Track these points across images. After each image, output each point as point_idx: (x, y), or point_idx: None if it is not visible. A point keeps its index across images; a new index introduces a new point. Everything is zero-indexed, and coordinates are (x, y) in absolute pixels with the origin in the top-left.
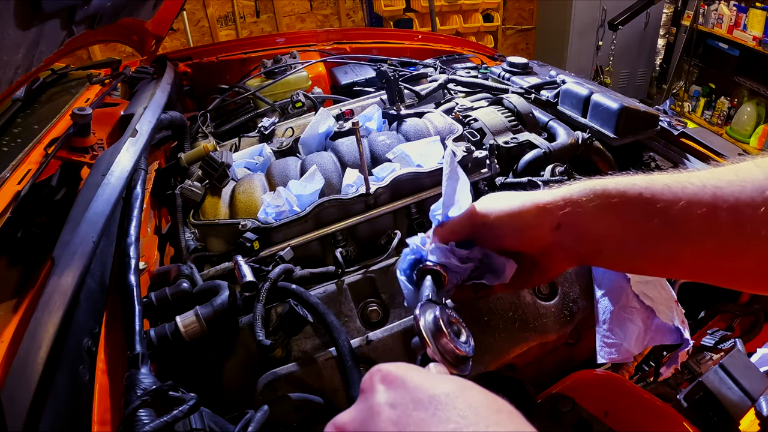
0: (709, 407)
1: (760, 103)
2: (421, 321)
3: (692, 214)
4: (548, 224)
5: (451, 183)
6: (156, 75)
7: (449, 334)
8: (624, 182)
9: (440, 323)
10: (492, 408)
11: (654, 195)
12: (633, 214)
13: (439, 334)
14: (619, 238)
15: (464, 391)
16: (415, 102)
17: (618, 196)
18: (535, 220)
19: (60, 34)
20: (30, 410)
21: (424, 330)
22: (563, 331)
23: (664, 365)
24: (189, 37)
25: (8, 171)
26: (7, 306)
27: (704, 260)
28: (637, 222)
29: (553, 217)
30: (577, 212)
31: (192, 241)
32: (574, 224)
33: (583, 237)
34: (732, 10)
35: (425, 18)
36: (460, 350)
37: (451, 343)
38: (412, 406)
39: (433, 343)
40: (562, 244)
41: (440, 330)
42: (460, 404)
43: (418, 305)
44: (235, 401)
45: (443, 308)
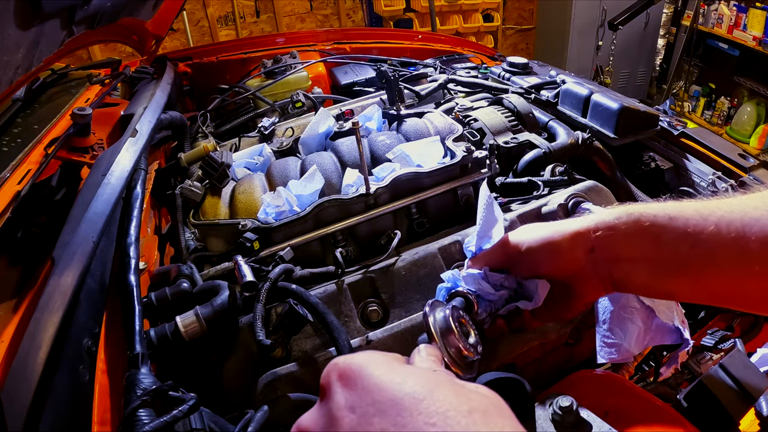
0: (709, 407)
1: (760, 103)
2: (430, 318)
3: (722, 239)
4: (582, 247)
5: (487, 217)
6: (156, 75)
7: (458, 333)
8: (655, 207)
9: (450, 321)
10: (462, 410)
11: (685, 220)
12: (664, 238)
13: (448, 332)
14: (651, 261)
15: (432, 391)
16: (415, 102)
17: (649, 221)
18: (568, 244)
19: (60, 34)
20: (30, 410)
21: (432, 327)
22: (563, 331)
23: (664, 365)
24: (189, 37)
25: (8, 171)
26: (7, 306)
27: (732, 285)
28: (669, 245)
29: (586, 240)
30: (609, 235)
31: (192, 241)
32: (607, 247)
33: (616, 260)
34: (732, 10)
35: (425, 18)
36: (467, 351)
37: (459, 342)
38: (372, 410)
39: (441, 341)
40: (596, 268)
41: (449, 328)
42: (426, 408)
43: (428, 303)
44: (235, 401)
45: (455, 308)
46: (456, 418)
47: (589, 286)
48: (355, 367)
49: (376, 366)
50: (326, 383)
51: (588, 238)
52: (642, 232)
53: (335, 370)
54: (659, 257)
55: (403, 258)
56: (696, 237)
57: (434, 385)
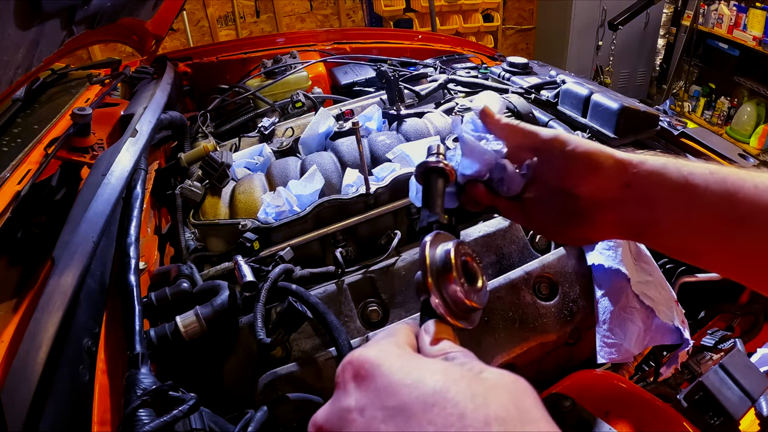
0: (709, 407)
1: (760, 103)
2: (427, 253)
3: (761, 201)
4: (620, 178)
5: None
6: (156, 75)
7: (459, 277)
8: (695, 164)
9: (451, 260)
10: (478, 418)
11: (724, 176)
12: (701, 194)
13: (447, 275)
14: (683, 215)
15: (446, 392)
16: (415, 102)
17: (688, 174)
18: (609, 168)
19: (60, 34)
20: (30, 410)
21: (429, 267)
22: (563, 331)
23: (664, 365)
24: (189, 37)
25: (8, 171)
26: (7, 306)
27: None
28: (705, 203)
29: (626, 172)
30: (649, 177)
31: (192, 241)
32: (643, 188)
33: (647, 204)
34: (732, 10)
35: (425, 18)
36: (469, 299)
37: (459, 289)
38: (380, 416)
39: (437, 285)
40: (624, 206)
41: (449, 270)
42: (437, 416)
43: (431, 234)
44: (235, 401)
45: (460, 243)
46: (469, 430)
47: (609, 222)
48: (368, 366)
49: (390, 365)
50: (341, 380)
51: (628, 172)
52: (679, 182)
53: (350, 367)
54: (692, 213)
55: (403, 258)
56: (734, 196)
57: (450, 385)
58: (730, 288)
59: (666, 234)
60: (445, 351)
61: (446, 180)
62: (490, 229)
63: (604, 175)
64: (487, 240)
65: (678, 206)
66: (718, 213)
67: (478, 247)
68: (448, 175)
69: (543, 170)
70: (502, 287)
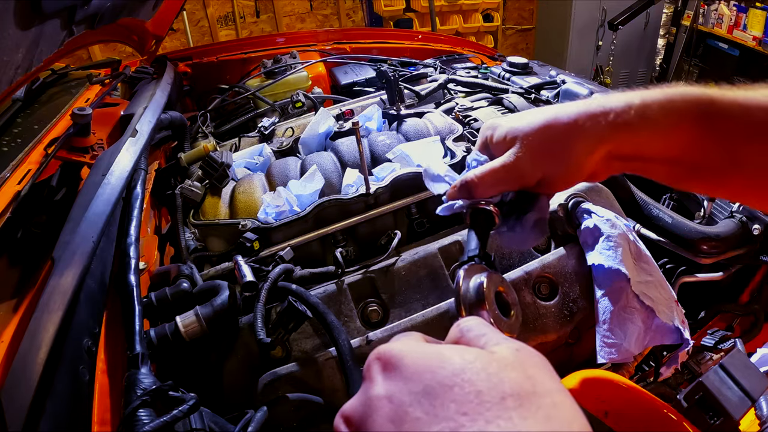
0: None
1: None
2: (462, 286)
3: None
4: (600, 154)
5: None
6: (156, 75)
7: (491, 308)
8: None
9: (484, 293)
10: (494, 394)
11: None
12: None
13: (480, 306)
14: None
15: (463, 374)
16: (415, 102)
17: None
18: (588, 156)
19: (60, 34)
20: (30, 410)
21: (463, 299)
22: (563, 331)
23: (664, 365)
24: (189, 37)
25: (8, 171)
26: (7, 306)
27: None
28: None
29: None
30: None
31: (192, 241)
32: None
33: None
34: (732, 10)
35: (425, 18)
36: (499, 327)
37: (491, 319)
38: (408, 400)
39: (469, 314)
40: (611, 165)
41: (481, 301)
42: (459, 395)
43: (464, 266)
44: (235, 401)
45: (493, 274)
46: (488, 404)
47: (598, 179)
48: (395, 358)
49: (413, 355)
50: (369, 371)
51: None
52: (665, 126)
53: (378, 359)
54: (680, 157)
55: (403, 258)
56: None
57: (463, 370)
58: (730, 288)
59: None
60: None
61: (492, 223)
62: None
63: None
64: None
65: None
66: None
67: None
68: (494, 218)
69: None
70: None
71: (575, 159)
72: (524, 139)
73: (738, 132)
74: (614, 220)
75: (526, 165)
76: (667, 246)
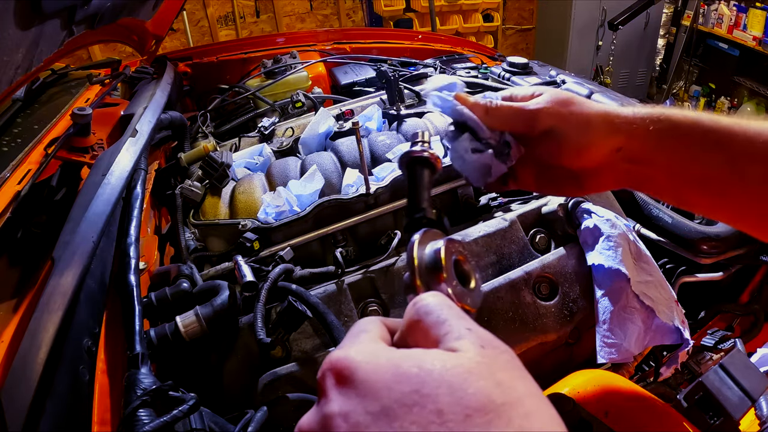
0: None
1: (760, 103)
2: (416, 252)
3: (756, 151)
4: (611, 144)
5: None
6: (156, 75)
7: (450, 278)
8: (689, 114)
9: (441, 260)
10: (456, 411)
11: (718, 128)
12: (695, 144)
13: (437, 276)
14: (677, 166)
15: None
16: (415, 102)
17: (682, 125)
18: (601, 138)
19: (60, 34)
20: (30, 410)
21: (418, 267)
22: (563, 331)
23: (664, 365)
24: (189, 37)
25: (8, 171)
26: (7, 306)
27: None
28: (698, 152)
29: (616, 139)
30: (640, 134)
31: (192, 241)
32: (634, 150)
33: (641, 161)
34: (732, 10)
35: (425, 18)
36: (461, 302)
37: (450, 291)
38: (364, 421)
39: (426, 288)
40: (618, 166)
41: (438, 270)
42: (419, 416)
43: (419, 232)
44: (235, 401)
45: (451, 241)
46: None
47: (605, 180)
48: (348, 370)
49: (368, 366)
50: (322, 382)
51: (620, 134)
52: (673, 134)
53: (330, 371)
54: (684, 163)
55: (403, 258)
56: (727, 147)
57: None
58: (730, 288)
59: (661, 187)
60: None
61: (433, 171)
62: (489, 229)
63: (596, 147)
64: (487, 240)
65: (670, 164)
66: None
67: (478, 247)
68: (434, 165)
69: (534, 149)
70: (501, 287)
71: (590, 132)
72: (551, 93)
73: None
74: (614, 220)
75: (542, 108)
76: (667, 246)
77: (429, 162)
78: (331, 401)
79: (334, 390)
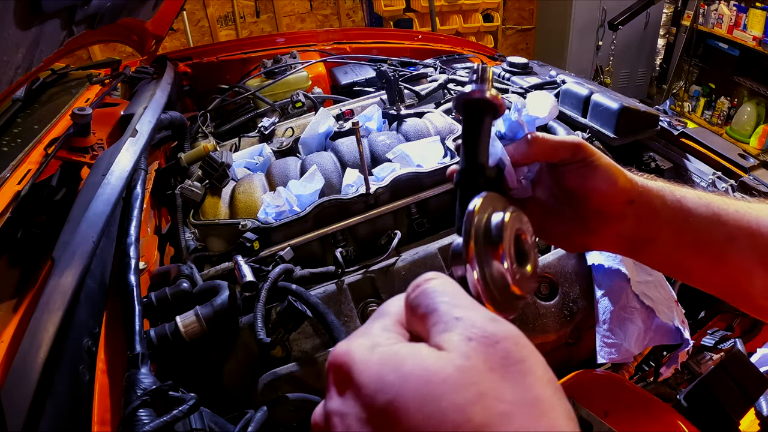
0: (709, 407)
1: (760, 103)
2: (476, 216)
3: (742, 224)
4: (626, 195)
5: None
6: (156, 75)
7: (509, 252)
8: (683, 188)
9: (503, 232)
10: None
11: (709, 201)
12: (694, 214)
13: (496, 248)
14: (678, 233)
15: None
16: (415, 102)
17: (681, 197)
18: (620, 185)
19: (60, 34)
20: (30, 410)
21: (475, 233)
22: (563, 331)
23: (664, 365)
24: (189, 37)
25: (8, 171)
26: (7, 306)
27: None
28: (698, 222)
29: (632, 191)
30: (648, 196)
31: (192, 241)
32: (643, 206)
33: (646, 221)
34: (732, 10)
35: (425, 18)
36: (515, 284)
37: (507, 269)
38: (355, 426)
39: (480, 259)
40: (626, 221)
41: (499, 241)
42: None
43: (481, 195)
44: (235, 401)
45: (517, 212)
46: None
47: (610, 234)
48: (345, 367)
49: (366, 365)
50: (327, 375)
51: (634, 190)
52: (676, 206)
53: (331, 366)
54: (686, 232)
55: (403, 258)
56: (719, 218)
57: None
58: None
59: (661, 251)
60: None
61: (495, 117)
62: None
63: (615, 190)
64: None
65: (673, 226)
66: (707, 232)
67: None
68: (497, 111)
69: (560, 175)
70: None
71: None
72: None
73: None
74: None
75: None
76: None
77: (493, 107)
78: (331, 399)
79: (334, 388)
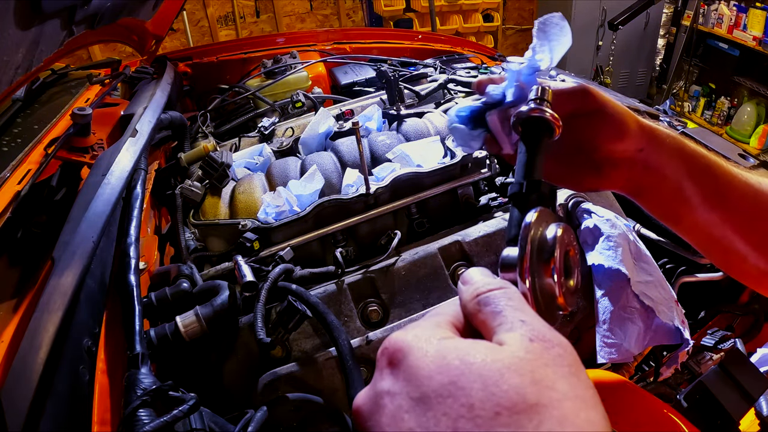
0: (709, 407)
1: (760, 103)
2: (532, 231)
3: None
4: (638, 143)
5: None
6: (156, 75)
7: (560, 267)
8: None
9: (556, 248)
10: (486, 407)
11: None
12: (701, 170)
13: (548, 263)
14: (676, 182)
15: (458, 381)
16: (415, 102)
17: (692, 152)
18: (632, 132)
19: (60, 34)
20: (30, 410)
21: (529, 250)
22: (563, 331)
23: (664, 365)
24: (189, 37)
25: (8, 171)
26: (7, 306)
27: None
28: (692, 173)
29: (642, 138)
30: (658, 145)
31: (192, 241)
32: (651, 154)
33: (652, 168)
34: (732, 10)
35: (425, 18)
36: (562, 298)
37: (557, 283)
38: (405, 405)
39: (532, 273)
40: (634, 167)
41: (551, 256)
42: (452, 408)
43: (535, 209)
44: (235, 401)
45: (567, 228)
46: (478, 422)
47: (619, 177)
48: (401, 353)
49: (419, 354)
50: (379, 360)
51: (644, 137)
52: (684, 154)
53: (385, 352)
54: (684, 182)
55: (403, 258)
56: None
57: (459, 376)
58: (730, 288)
59: (660, 198)
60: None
61: (551, 136)
62: (489, 229)
63: (627, 138)
64: (487, 240)
65: (674, 174)
66: (702, 184)
67: (478, 247)
68: (554, 131)
69: (571, 126)
70: None
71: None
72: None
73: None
74: (614, 220)
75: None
76: (667, 246)
77: (551, 127)
78: (383, 380)
79: (387, 370)
